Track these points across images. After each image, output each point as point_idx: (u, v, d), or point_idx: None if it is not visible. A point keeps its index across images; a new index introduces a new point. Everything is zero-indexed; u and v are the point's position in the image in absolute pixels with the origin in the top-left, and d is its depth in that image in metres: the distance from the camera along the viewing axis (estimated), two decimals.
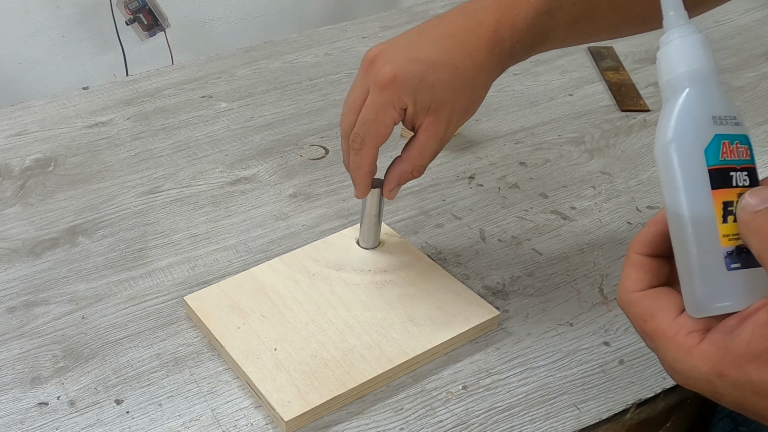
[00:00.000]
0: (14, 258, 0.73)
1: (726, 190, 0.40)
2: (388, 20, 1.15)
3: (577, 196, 0.82)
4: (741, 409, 0.40)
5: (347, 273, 0.69)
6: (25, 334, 0.65)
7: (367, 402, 0.60)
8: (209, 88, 0.99)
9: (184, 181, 0.83)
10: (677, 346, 0.41)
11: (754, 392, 0.38)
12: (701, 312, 0.41)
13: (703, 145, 0.41)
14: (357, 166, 0.63)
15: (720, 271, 0.40)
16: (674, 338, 0.41)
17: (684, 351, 0.40)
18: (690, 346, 0.40)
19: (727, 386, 0.39)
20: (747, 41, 1.10)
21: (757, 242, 0.38)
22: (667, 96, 0.43)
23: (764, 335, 0.37)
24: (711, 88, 0.42)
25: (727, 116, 0.41)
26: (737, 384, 0.38)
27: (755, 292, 0.40)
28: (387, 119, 0.60)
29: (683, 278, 0.42)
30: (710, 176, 0.40)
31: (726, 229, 0.40)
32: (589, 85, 1.01)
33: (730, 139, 0.41)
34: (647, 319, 0.42)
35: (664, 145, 0.42)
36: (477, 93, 0.61)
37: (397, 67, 0.58)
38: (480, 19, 0.59)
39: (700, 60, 0.42)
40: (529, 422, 0.59)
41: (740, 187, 0.41)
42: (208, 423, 0.58)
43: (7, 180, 0.82)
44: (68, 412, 0.59)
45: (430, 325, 0.64)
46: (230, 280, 0.68)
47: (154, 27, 1.89)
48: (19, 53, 1.88)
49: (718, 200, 0.40)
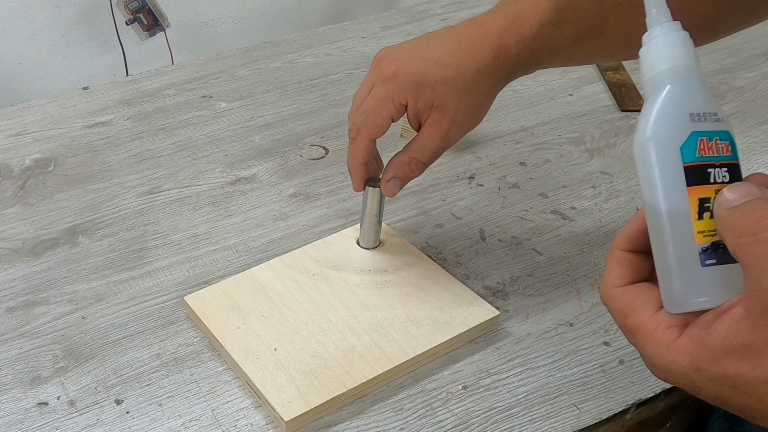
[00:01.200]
0: (14, 258, 0.73)
1: (702, 187, 0.41)
2: (388, 20, 1.15)
3: (577, 196, 0.82)
4: (720, 404, 0.40)
5: (347, 273, 0.69)
6: (25, 334, 0.65)
7: (367, 402, 0.60)
8: (209, 88, 0.99)
9: (184, 181, 0.83)
10: (656, 341, 0.41)
11: (731, 386, 0.38)
12: (678, 308, 0.41)
13: (679, 142, 0.41)
14: (351, 156, 0.64)
15: (695, 267, 0.40)
16: (653, 333, 0.41)
17: (663, 346, 0.41)
18: (669, 341, 0.40)
19: (705, 381, 0.39)
20: (747, 41, 1.10)
21: (732, 238, 0.39)
22: (649, 93, 0.43)
23: (739, 330, 0.38)
24: (691, 85, 0.42)
25: (706, 113, 0.41)
26: (714, 378, 0.39)
27: (731, 287, 0.40)
28: (384, 111, 0.60)
29: (660, 274, 0.42)
30: (686, 173, 0.41)
31: (701, 225, 0.40)
32: (589, 85, 1.01)
33: (709, 136, 0.41)
34: (628, 314, 0.43)
35: (642, 143, 0.42)
36: (481, 96, 0.61)
37: (401, 62, 0.60)
38: (487, 27, 0.61)
39: (681, 57, 0.42)
40: (529, 422, 0.59)
41: (719, 183, 0.41)
42: (208, 423, 0.58)
43: (7, 180, 0.82)
44: (68, 412, 0.59)
45: (430, 325, 0.64)
46: (230, 280, 0.68)
47: (154, 27, 1.89)
48: (19, 53, 1.88)
49: (693, 197, 0.41)
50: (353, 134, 0.62)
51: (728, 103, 0.97)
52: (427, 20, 1.15)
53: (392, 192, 0.65)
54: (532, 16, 0.59)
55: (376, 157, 0.66)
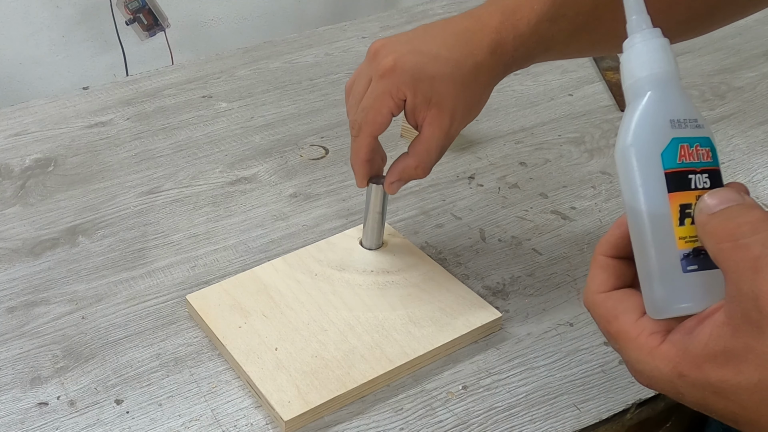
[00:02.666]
0: (14, 258, 0.73)
1: (683, 193, 0.41)
2: (388, 20, 1.15)
3: (577, 196, 0.82)
4: (703, 410, 0.40)
5: (350, 273, 0.69)
6: (25, 334, 0.65)
7: (367, 402, 0.60)
8: (209, 88, 0.99)
9: (184, 181, 0.83)
10: (639, 347, 0.41)
11: (713, 392, 0.38)
12: (660, 314, 0.41)
13: (660, 148, 0.41)
14: (354, 152, 0.64)
15: (677, 273, 0.40)
16: (637, 339, 0.41)
17: (646, 352, 0.40)
18: (652, 347, 0.40)
19: (688, 387, 0.39)
20: (747, 41, 1.10)
21: (712, 244, 0.39)
22: (630, 100, 0.43)
23: (721, 336, 0.37)
24: (671, 92, 0.42)
25: (686, 119, 0.42)
26: (697, 384, 0.39)
27: (713, 293, 0.40)
28: (384, 108, 0.60)
29: (642, 280, 0.42)
30: (667, 179, 0.41)
31: (682, 231, 0.40)
32: (589, 85, 1.01)
33: (689, 142, 0.41)
34: (611, 321, 0.43)
35: (624, 149, 0.42)
36: (478, 92, 0.61)
37: (398, 56, 0.59)
38: (484, 21, 0.60)
39: (661, 64, 0.42)
40: (529, 422, 0.59)
41: (700, 189, 0.41)
42: (208, 423, 0.58)
43: (7, 180, 0.82)
44: (68, 412, 0.59)
45: (431, 326, 0.64)
46: (232, 279, 0.68)
47: (154, 27, 1.89)
48: (19, 53, 1.88)
49: (674, 203, 0.41)
50: (355, 132, 0.62)
51: (728, 103, 0.97)
52: (427, 20, 1.14)
53: (395, 191, 0.65)
54: (528, 11, 0.59)
55: (379, 153, 0.66)
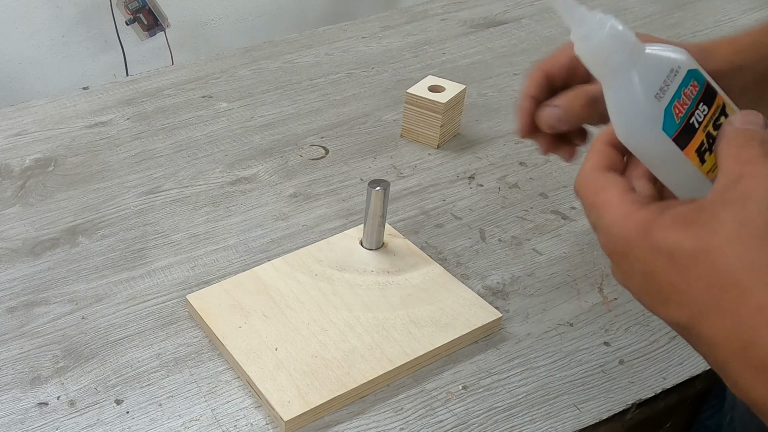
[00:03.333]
0: (14, 258, 0.73)
1: (693, 140, 0.42)
2: (388, 20, 1.15)
3: None
4: (647, 279, 0.40)
5: (350, 273, 0.69)
6: (25, 334, 0.65)
7: (368, 402, 0.60)
8: (209, 88, 0.99)
9: (184, 181, 0.83)
10: (618, 211, 0.41)
11: (667, 255, 0.38)
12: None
13: (659, 125, 0.41)
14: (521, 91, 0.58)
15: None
16: (619, 206, 0.42)
17: (623, 216, 0.41)
18: (629, 212, 0.41)
19: (644, 249, 0.39)
20: None
21: (723, 144, 0.40)
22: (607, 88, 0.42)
23: (696, 208, 0.38)
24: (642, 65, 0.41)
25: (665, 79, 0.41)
26: (653, 246, 0.39)
27: None
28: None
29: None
30: (676, 143, 0.41)
31: (706, 167, 0.42)
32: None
33: (678, 96, 0.41)
34: (599, 192, 0.43)
35: (626, 140, 0.43)
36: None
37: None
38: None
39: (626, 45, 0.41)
40: (529, 422, 0.59)
41: (702, 122, 0.41)
42: (208, 423, 0.58)
43: (7, 180, 0.82)
44: (68, 412, 0.59)
45: (431, 326, 0.64)
46: (233, 279, 0.68)
47: (154, 27, 1.89)
48: (19, 53, 1.88)
49: (691, 153, 0.42)
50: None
51: None
52: (427, 20, 1.15)
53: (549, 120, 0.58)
54: None
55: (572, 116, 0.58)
